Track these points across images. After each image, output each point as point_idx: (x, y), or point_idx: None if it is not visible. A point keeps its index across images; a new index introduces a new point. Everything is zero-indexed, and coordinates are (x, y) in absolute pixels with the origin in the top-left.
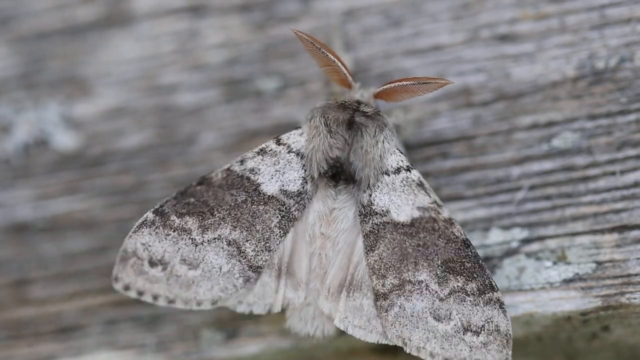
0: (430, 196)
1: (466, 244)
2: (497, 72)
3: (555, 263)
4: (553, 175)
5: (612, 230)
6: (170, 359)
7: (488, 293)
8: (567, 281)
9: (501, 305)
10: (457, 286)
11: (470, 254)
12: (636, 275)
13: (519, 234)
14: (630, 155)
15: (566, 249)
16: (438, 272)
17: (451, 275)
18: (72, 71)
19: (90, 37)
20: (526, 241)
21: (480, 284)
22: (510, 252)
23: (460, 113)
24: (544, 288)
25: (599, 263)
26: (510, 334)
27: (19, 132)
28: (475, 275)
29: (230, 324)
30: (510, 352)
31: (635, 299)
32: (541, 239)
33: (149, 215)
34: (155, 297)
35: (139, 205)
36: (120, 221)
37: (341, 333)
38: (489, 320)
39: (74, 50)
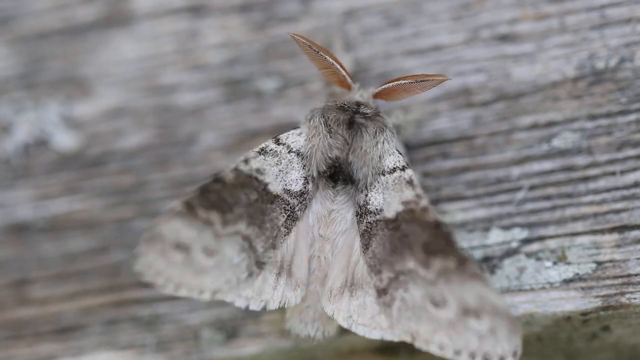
0: (414, 191)
1: (437, 224)
2: (497, 72)
3: (555, 263)
4: (553, 175)
5: (612, 230)
6: (170, 359)
7: (465, 266)
8: (567, 281)
9: (479, 276)
10: (440, 266)
11: (442, 232)
12: (636, 275)
13: (519, 234)
14: (630, 155)
15: (566, 249)
16: (421, 257)
17: (431, 256)
18: (72, 71)
19: (90, 37)
20: (526, 241)
21: (456, 259)
22: (510, 252)
23: (460, 113)
24: (544, 288)
25: (599, 263)
26: (512, 316)
27: (19, 132)
28: (448, 251)
29: (230, 324)
30: (518, 341)
31: (635, 299)
32: (541, 239)
33: (178, 206)
34: (166, 281)
35: (139, 205)
36: (120, 221)
37: (342, 333)
38: (482, 297)
39: (74, 50)
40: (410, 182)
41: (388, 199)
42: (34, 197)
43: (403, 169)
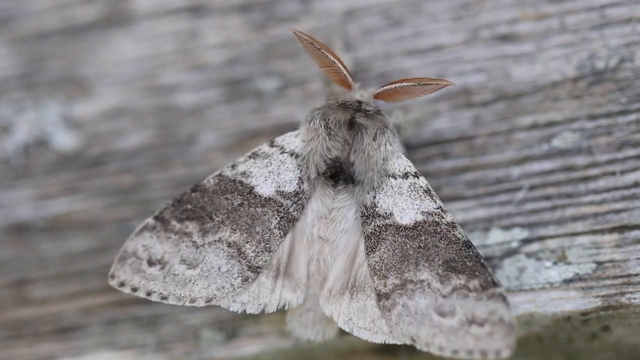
0: (436, 202)
1: (467, 244)
2: (497, 72)
3: (555, 263)
4: (553, 175)
5: (612, 230)
6: (170, 359)
7: (491, 289)
8: (567, 281)
9: (504, 298)
10: (460, 284)
11: (472, 254)
12: (636, 275)
13: (519, 234)
14: (630, 155)
15: (566, 249)
16: (440, 272)
17: (453, 273)
18: (72, 71)
19: (90, 37)
20: (526, 241)
21: (483, 281)
22: (511, 252)
23: (460, 113)
24: (544, 288)
25: (599, 263)
26: (513, 323)
27: (19, 132)
28: (477, 274)
29: (230, 324)
30: (512, 340)
31: (635, 299)
32: (541, 239)
33: (150, 220)
34: (149, 293)
35: (139, 205)
36: (120, 221)
37: (341, 334)
38: (492, 312)
39: (74, 50)
40: (428, 192)
41: (401, 204)
42: (34, 197)
43: (416, 175)
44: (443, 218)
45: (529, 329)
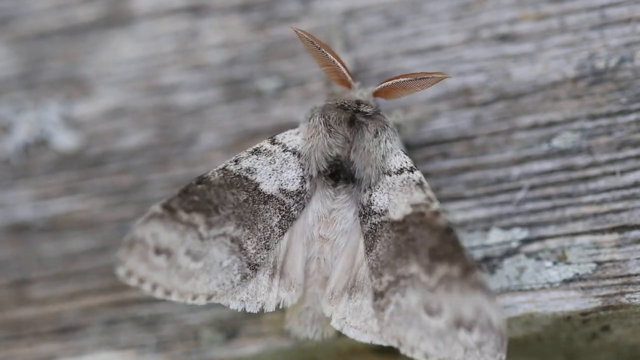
0: (425, 193)
1: (448, 231)
2: (497, 72)
3: (555, 263)
4: (553, 175)
5: (612, 230)
6: (170, 359)
7: (471, 276)
8: (567, 281)
9: (484, 288)
10: (443, 273)
11: (451, 238)
12: (636, 275)
13: (519, 234)
14: (630, 155)
15: (566, 249)
16: (426, 262)
17: (437, 262)
18: (72, 71)
19: (90, 37)
20: (526, 241)
21: (462, 267)
22: (510, 252)
23: (460, 113)
24: (544, 288)
25: (599, 263)
26: (504, 332)
27: (19, 132)
28: (456, 259)
29: (230, 324)
30: (504, 356)
31: (635, 299)
32: (541, 239)
33: (157, 209)
34: (154, 287)
35: (139, 205)
36: (120, 221)
37: (341, 334)
38: (478, 310)
39: (74, 50)
40: (420, 184)
41: (394, 200)
42: (34, 197)
43: (411, 170)
44: (429, 208)
45: (529, 329)
